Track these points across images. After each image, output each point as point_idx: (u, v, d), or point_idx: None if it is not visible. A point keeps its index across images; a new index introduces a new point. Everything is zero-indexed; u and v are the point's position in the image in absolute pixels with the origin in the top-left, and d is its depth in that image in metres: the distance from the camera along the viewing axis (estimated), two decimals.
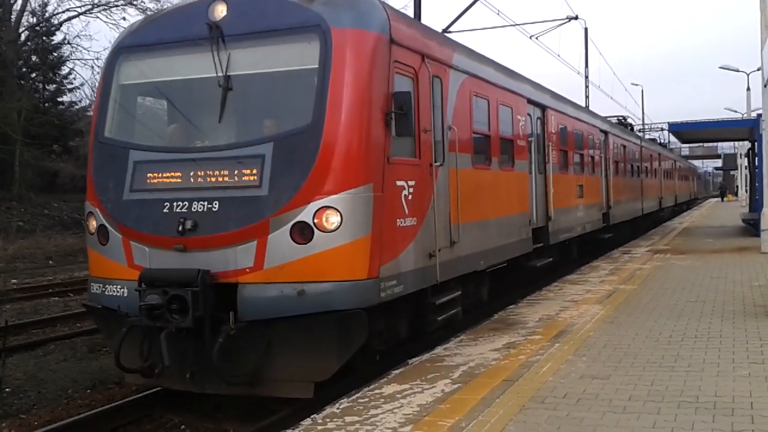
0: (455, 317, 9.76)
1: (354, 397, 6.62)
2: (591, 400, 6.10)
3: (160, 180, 7.82)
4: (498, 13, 25.67)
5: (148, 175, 7.88)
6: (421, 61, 8.73)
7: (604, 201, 20.71)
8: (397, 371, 7.51)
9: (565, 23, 24.93)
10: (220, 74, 7.80)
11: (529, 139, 13.37)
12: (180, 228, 7.41)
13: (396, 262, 7.91)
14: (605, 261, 17.47)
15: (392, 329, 8.58)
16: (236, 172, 7.48)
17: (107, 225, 8.01)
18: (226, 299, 7.30)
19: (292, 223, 7.21)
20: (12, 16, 37.37)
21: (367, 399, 6.50)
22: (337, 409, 6.28)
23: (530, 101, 13.58)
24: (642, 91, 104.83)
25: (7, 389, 10.16)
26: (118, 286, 7.82)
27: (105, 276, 8.06)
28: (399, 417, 5.92)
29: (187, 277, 7.21)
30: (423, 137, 8.67)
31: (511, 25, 23.76)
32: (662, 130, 61.37)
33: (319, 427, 5.81)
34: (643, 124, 65.96)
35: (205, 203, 7.45)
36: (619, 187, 22.97)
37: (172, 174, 7.78)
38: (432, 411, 6.03)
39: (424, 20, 13.21)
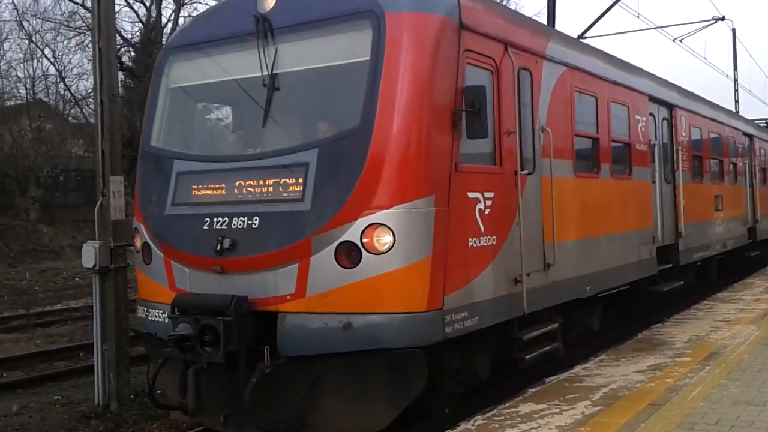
0: (554, 354, 8.29)
1: (489, 414, 6.45)
2: (745, 428, 5.76)
3: (203, 192, 6.99)
4: (638, 16, 24.33)
5: (192, 186, 7.07)
6: (503, 50, 7.40)
7: (750, 214, 18.09)
8: (533, 389, 7.25)
9: (711, 24, 23.64)
10: (265, 73, 6.87)
11: (652, 143, 11.54)
12: (218, 247, 6.52)
13: (468, 290, 6.62)
14: (760, 278, 16.38)
15: (470, 369, 7.28)
16: (280, 183, 6.50)
17: (150, 243, 7.29)
18: (268, 331, 6.31)
19: (337, 243, 6.12)
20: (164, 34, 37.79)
21: (502, 417, 6.32)
22: (472, 425, 6.13)
23: (653, 99, 11.73)
24: None
25: None
26: (159, 311, 7.04)
27: (149, 299, 7.33)
28: None
29: (219, 303, 6.30)
30: (505, 141, 7.33)
31: (653, 28, 22.75)
32: None
33: None
34: None
35: (246, 219, 6.52)
36: (766, 198, 20.16)
37: (216, 186, 6.92)
38: None
39: (559, 26, 11.80)
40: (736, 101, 33.71)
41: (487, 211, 6.97)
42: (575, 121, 8.94)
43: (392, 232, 6.03)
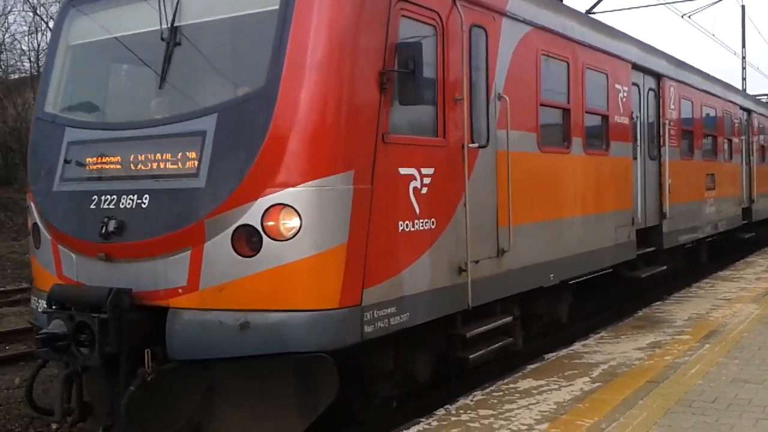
0: (508, 350, 7.37)
1: (488, 390, 6.41)
2: (743, 406, 5.73)
3: (94, 166, 5.99)
4: None
5: (84, 159, 6.07)
6: (451, 3, 6.35)
7: (745, 194, 17.03)
8: (532, 366, 7.22)
9: (719, 1, 23.05)
10: (164, 26, 5.83)
11: (635, 115, 10.48)
12: (103, 230, 5.55)
13: (396, 282, 5.65)
14: (762, 256, 16.29)
15: (406, 371, 6.35)
16: (175, 155, 5.49)
17: (39, 223, 6.31)
18: (159, 330, 5.36)
19: (234, 227, 5.14)
20: None
21: (501, 393, 6.29)
22: (471, 401, 6.10)
23: (637, 67, 10.63)
24: None
25: None
26: (45, 302, 6.08)
27: (40, 287, 6.37)
28: (535, 413, 5.70)
29: (96, 297, 5.32)
30: (451, 109, 6.32)
31: (661, 4, 22.23)
32: None
33: (453, 418, 5.65)
34: None
35: (135, 198, 5.53)
36: (765, 177, 19.07)
37: (107, 157, 5.91)
38: (570, 410, 5.78)
39: (567, 2, 10.75)
40: (744, 78, 33.79)
41: (424, 190, 5.98)
42: (541, 89, 7.89)
43: (298, 214, 5.05)
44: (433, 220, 6.06)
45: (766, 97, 26.13)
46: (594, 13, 18.70)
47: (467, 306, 6.43)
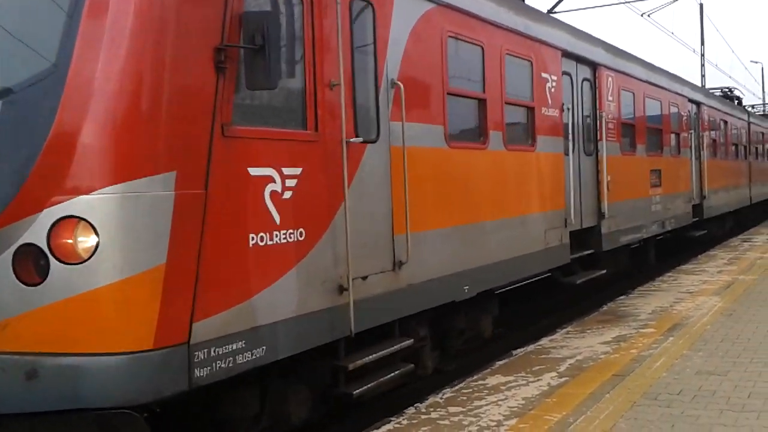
0: (409, 381, 6.36)
1: (457, 387, 6.40)
2: (707, 398, 5.80)
3: None
4: None
5: None
6: None
7: (695, 190, 16.21)
8: (501, 362, 7.23)
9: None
10: None
11: (567, 107, 9.50)
12: None
13: (246, 309, 4.54)
14: (723, 250, 16.43)
15: (279, 412, 5.25)
16: None
17: None
18: None
19: (14, 247, 3.99)
20: None
21: (470, 390, 6.30)
22: (441, 398, 6.08)
23: (569, 55, 9.67)
24: (762, 69, 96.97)
25: None
26: None
27: None
28: (503, 409, 5.73)
29: None
30: (326, 96, 5.23)
31: (621, 3, 22.34)
32: None
33: (423, 416, 5.63)
34: (765, 104, 60.07)
35: None
36: (718, 172, 18.26)
37: None
38: (538, 405, 5.82)
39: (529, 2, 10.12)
40: (703, 75, 33.67)
41: (287, 195, 4.88)
42: (449, 76, 6.84)
43: (94, 229, 3.91)
44: (301, 230, 4.96)
45: (720, 90, 25.42)
46: (555, 12, 18.57)
47: (350, 332, 5.34)
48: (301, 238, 4.97)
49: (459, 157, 6.99)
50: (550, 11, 18.18)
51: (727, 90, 25.46)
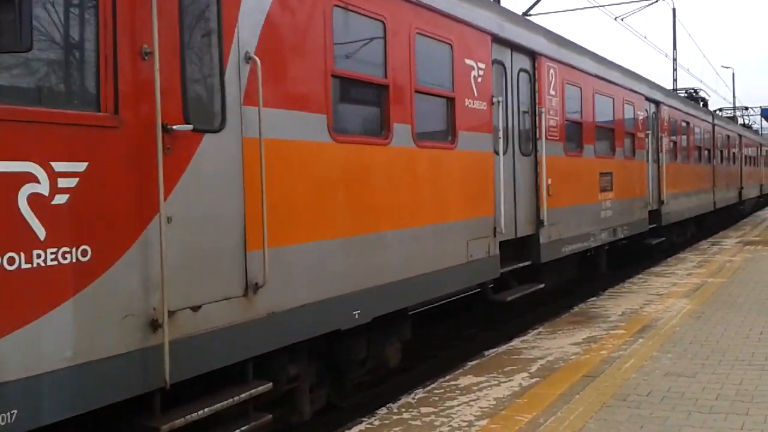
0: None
1: (429, 387, 6.42)
2: (676, 399, 5.81)
3: None
4: None
5: None
6: None
7: (652, 194, 15.05)
8: (473, 362, 7.26)
9: (652, 4, 22.85)
10: None
11: (497, 100, 8.29)
12: None
13: None
14: (693, 252, 16.53)
15: None
16: None
17: None
18: None
19: None
20: None
21: (442, 390, 6.31)
22: (413, 399, 6.09)
23: (501, 41, 8.50)
24: (733, 74, 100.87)
25: None
26: None
27: None
28: (475, 410, 5.73)
29: None
30: (134, 67, 4.01)
31: (595, 6, 22.52)
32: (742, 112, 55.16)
33: (395, 417, 5.63)
34: (734, 108, 60.89)
35: None
36: (678, 176, 17.19)
37: None
38: (509, 405, 5.83)
39: (504, 4, 9.06)
40: (675, 80, 34.31)
41: (60, 200, 3.64)
42: (335, 56, 5.65)
43: None
44: (84, 248, 3.71)
45: (684, 90, 24.60)
46: (530, 15, 18.50)
47: (164, 383, 4.07)
48: (84, 259, 3.70)
49: (349, 153, 5.78)
50: (525, 13, 17.91)
51: (692, 91, 24.70)
